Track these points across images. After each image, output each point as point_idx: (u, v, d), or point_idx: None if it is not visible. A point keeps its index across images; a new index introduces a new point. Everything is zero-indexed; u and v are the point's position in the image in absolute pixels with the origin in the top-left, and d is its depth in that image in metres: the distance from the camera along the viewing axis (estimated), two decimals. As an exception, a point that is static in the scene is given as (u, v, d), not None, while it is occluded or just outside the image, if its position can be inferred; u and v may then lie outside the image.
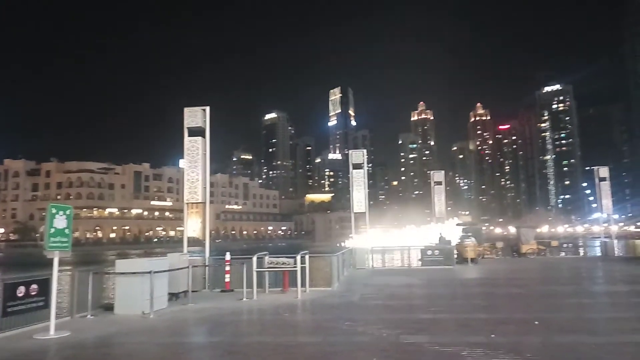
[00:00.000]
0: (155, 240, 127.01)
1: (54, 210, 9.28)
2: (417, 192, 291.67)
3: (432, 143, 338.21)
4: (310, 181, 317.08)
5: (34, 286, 9.43)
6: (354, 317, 10.30)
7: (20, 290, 9.14)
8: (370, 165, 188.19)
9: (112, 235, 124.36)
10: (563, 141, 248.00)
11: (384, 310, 11.39)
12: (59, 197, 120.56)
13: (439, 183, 32.78)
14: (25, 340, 8.29)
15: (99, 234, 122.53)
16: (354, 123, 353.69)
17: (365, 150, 27.09)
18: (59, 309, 10.03)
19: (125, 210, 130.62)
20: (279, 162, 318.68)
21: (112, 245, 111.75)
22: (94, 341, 8.35)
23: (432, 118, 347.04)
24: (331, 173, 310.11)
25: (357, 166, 25.37)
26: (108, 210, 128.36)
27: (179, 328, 9.63)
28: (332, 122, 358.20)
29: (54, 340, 8.36)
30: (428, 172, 47.42)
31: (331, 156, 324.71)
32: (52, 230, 9.15)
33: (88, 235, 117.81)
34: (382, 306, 12.12)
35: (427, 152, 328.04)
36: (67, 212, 9.62)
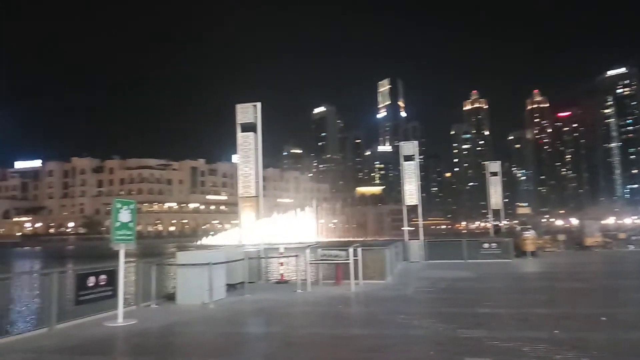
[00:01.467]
0: (212, 233, 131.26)
1: (118, 205, 9.80)
2: (471, 184, 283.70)
3: (487, 133, 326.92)
4: (360, 174, 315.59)
5: (103, 276, 10.01)
6: (409, 310, 10.21)
7: (91, 281, 9.73)
8: (422, 157, 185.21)
9: (172, 228, 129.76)
10: (629, 127, 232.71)
11: (440, 304, 11.21)
12: (121, 192, 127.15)
13: (495, 174, 31.72)
14: (96, 328, 8.84)
15: (159, 227, 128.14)
16: (404, 114, 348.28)
17: (416, 142, 26.64)
18: (125, 298, 10.58)
19: (183, 205, 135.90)
20: (328, 156, 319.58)
21: (171, 238, 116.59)
22: (158, 329, 8.78)
23: (486, 107, 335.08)
24: (381, 165, 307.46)
25: (408, 158, 25.00)
26: (167, 204, 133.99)
27: (237, 318, 9.93)
28: (382, 114, 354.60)
29: (122, 327, 8.86)
30: (483, 163, 45.99)
31: (381, 148, 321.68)
32: (118, 224, 9.66)
33: (149, 228, 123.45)
34: (438, 300, 11.93)
35: (481, 142, 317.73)
36: (131, 206, 10.13)
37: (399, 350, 6.84)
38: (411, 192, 24.39)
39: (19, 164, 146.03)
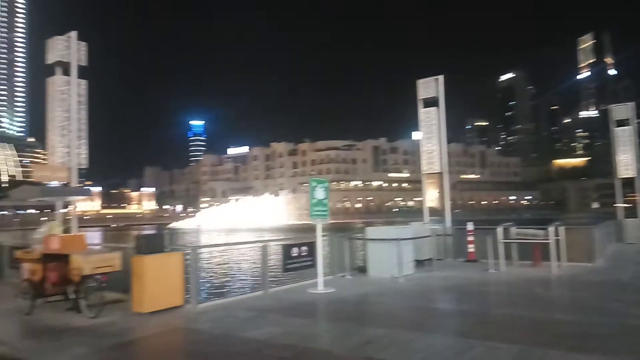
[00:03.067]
0: (395, 210, 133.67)
1: (314, 184, 10.72)
2: None
3: None
4: (558, 145, 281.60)
5: (304, 248, 11.14)
6: (624, 297, 8.91)
7: (294, 251, 10.92)
8: (638, 120, 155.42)
9: (358, 205, 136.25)
10: None
11: (669, 294, 9.48)
12: (312, 172, 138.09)
13: None
14: (301, 293, 9.91)
15: (347, 205, 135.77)
16: (612, 72, 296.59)
17: (632, 104, 22.54)
18: (323, 268, 11.55)
19: (367, 183, 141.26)
20: (518, 126, 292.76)
21: (357, 215, 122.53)
22: (354, 298, 9.42)
23: None
24: (584, 134, 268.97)
25: (622, 123, 21.43)
26: (352, 183, 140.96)
27: (427, 293, 10.02)
28: (583, 75, 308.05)
29: (322, 294, 9.77)
30: None
31: (583, 114, 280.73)
32: (314, 200, 10.59)
33: (338, 205, 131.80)
34: (665, 289, 10.10)
35: None
36: (325, 184, 11.00)
37: (611, 341, 6.05)
38: (626, 163, 20.91)
39: (231, 151, 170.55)
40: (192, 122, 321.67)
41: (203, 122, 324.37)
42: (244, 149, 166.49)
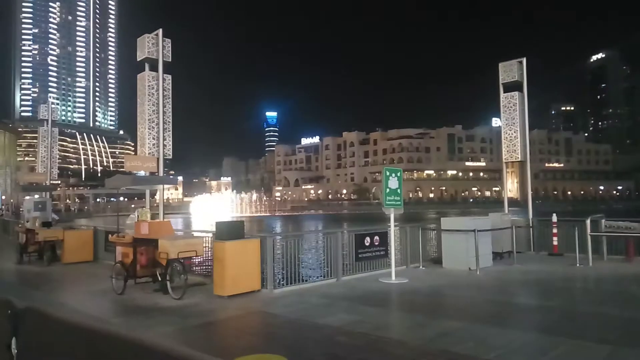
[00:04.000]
0: (471, 200, 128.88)
1: (387, 173, 10.61)
2: None
3: None
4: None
5: (376, 237, 11.10)
6: None
7: (367, 241, 10.92)
8: None
9: (431, 195, 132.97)
10: None
11: None
12: (384, 162, 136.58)
13: None
14: (372, 282, 9.90)
15: (419, 194, 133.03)
16: None
17: None
18: (395, 258, 11.46)
19: (441, 172, 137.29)
20: (610, 111, 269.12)
21: (431, 205, 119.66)
22: (427, 289, 9.25)
23: None
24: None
25: None
26: (426, 172, 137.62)
27: (506, 287, 9.60)
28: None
29: (395, 284, 9.69)
30: None
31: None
32: (388, 190, 10.49)
33: (410, 195, 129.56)
34: None
35: None
36: (398, 174, 10.85)
37: None
38: None
39: (304, 141, 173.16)
40: (267, 114, 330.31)
41: (276, 113, 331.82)
42: (316, 139, 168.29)
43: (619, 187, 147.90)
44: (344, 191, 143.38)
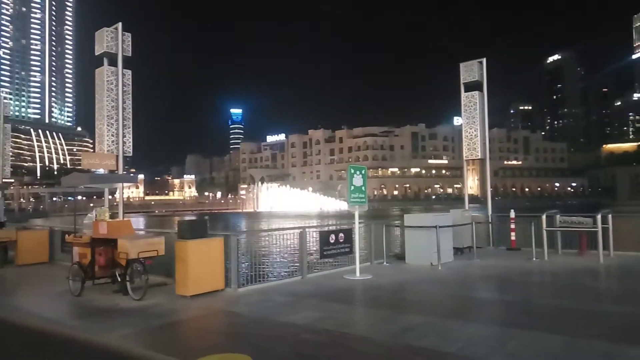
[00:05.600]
0: (434, 197, 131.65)
1: (352, 171, 10.68)
2: None
3: None
4: (608, 129, 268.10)
5: (341, 235, 11.16)
6: (682, 290, 8.47)
7: (332, 238, 10.96)
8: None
9: (395, 192, 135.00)
10: None
11: None
12: (350, 159, 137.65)
13: None
14: (337, 279, 9.95)
15: (384, 192, 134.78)
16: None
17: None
18: (360, 255, 11.55)
19: (405, 170, 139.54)
20: (565, 110, 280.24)
21: (395, 202, 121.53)
22: (391, 285, 9.38)
23: None
24: (637, 117, 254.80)
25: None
26: (390, 169, 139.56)
27: (467, 282, 9.85)
28: (638, 54, 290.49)
29: (359, 281, 9.77)
30: None
31: (637, 96, 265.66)
32: (352, 187, 10.56)
33: (375, 192, 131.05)
34: None
35: None
36: (363, 172, 10.94)
37: (670, 335, 5.76)
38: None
39: (270, 138, 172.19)
40: (232, 111, 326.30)
41: (241, 110, 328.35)
42: (282, 137, 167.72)
43: (574, 184, 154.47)
44: (310, 189, 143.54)
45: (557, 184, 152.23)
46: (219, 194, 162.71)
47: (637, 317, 6.57)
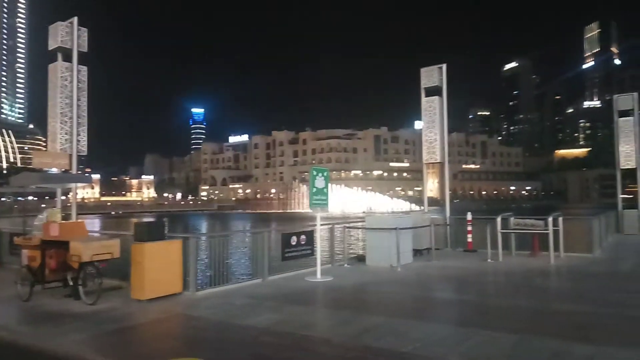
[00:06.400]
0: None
1: (315, 173, 10.68)
2: None
3: None
4: (561, 135, 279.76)
5: (303, 237, 11.14)
6: (626, 288, 8.94)
7: (293, 240, 10.92)
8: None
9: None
10: None
11: (667, 285, 9.49)
12: (313, 161, 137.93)
13: None
14: (299, 281, 9.94)
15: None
16: (618, 62, 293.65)
17: (636, 94, 22.35)
18: (321, 257, 11.57)
19: (367, 172, 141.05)
20: (521, 116, 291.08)
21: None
22: (352, 287, 9.45)
23: None
24: (587, 124, 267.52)
25: (625, 113, 21.31)
26: (353, 172, 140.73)
27: (426, 283, 10.03)
28: (588, 64, 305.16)
29: (321, 283, 9.79)
30: None
31: (587, 104, 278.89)
32: (314, 189, 10.57)
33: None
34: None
35: None
36: (325, 174, 10.96)
37: (610, 331, 6.06)
38: (628, 154, 20.84)
39: (232, 139, 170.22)
40: (193, 110, 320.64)
41: (203, 109, 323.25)
42: (245, 138, 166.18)
43: (528, 187, 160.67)
44: (273, 190, 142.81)
45: (512, 187, 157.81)
46: (178, 195, 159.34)
47: (585, 316, 6.87)
